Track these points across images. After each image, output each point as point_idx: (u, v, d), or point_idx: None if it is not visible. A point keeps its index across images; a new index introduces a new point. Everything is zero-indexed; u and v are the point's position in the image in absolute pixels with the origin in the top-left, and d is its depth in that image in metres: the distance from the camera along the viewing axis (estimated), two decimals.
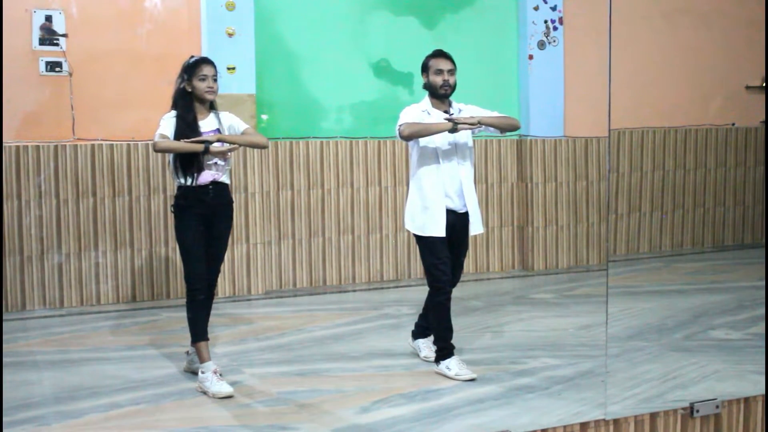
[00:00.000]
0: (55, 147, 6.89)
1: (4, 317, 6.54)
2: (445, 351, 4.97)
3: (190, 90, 4.81)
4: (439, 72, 4.98)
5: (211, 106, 4.90)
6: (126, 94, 7.10)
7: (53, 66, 6.86)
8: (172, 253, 7.23)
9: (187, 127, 4.76)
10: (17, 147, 6.77)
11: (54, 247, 6.89)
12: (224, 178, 4.87)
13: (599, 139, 8.62)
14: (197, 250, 4.81)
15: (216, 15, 7.17)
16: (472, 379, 4.84)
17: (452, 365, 4.92)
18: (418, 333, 5.33)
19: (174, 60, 7.17)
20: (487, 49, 8.25)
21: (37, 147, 6.83)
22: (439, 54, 5.05)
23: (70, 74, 6.91)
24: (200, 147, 4.69)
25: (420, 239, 4.98)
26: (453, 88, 5.02)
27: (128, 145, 7.09)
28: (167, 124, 4.79)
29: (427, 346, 5.24)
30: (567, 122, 8.50)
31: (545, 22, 8.35)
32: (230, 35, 7.20)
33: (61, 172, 6.89)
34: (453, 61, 5.04)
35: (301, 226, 7.66)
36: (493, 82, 8.26)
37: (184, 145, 4.69)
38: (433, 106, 5.04)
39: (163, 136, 4.73)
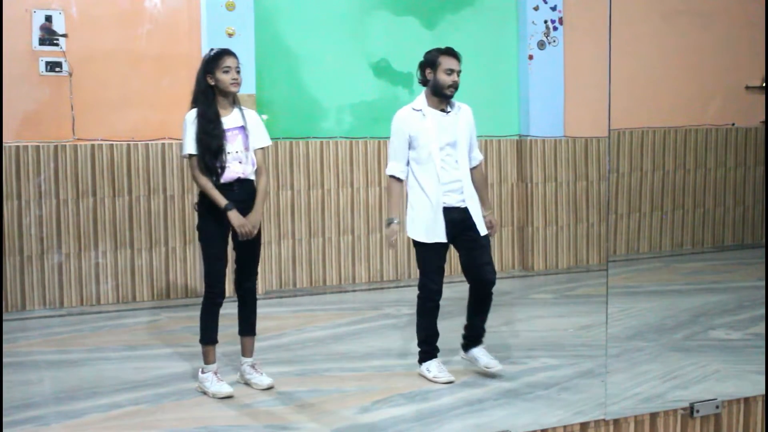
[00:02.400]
0: (55, 147, 6.89)
1: (4, 317, 6.54)
2: (427, 354, 4.97)
3: (212, 83, 4.68)
4: (450, 72, 4.83)
5: (234, 101, 4.78)
6: (126, 94, 7.11)
7: (53, 66, 6.86)
8: (171, 253, 7.23)
9: (209, 123, 4.63)
10: (17, 147, 6.77)
11: (54, 247, 6.89)
12: (250, 174, 4.75)
13: (599, 139, 8.62)
14: (220, 252, 4.72)
15: (216, 15, 7.17)
16: (450, 382, 4.84)
17: (432, 367, 4.92)
18: (468, 343, 5.10)
19: (174, 60, 7.23)
20: (487, 49, 8.25)
21: (37, 147, 6.83)
22: (451, 53, 4.90)
23: (70, 74, 6.91)
24: (222, 204, 4.60)
25: (418, 245, 4.89)
26: (457, 89, 4.89)
27: (128, 145, 7.09)
28: (192, 135, 4.62)
29: (483, 353, 5.03)
30: (567, 122, 8.50)
31: (545, 22, 8.35)
32: (230, 35, 7.20)
33: (61, 172, 6.89)
34: (461, 61, 4.92)
35: (301, 226, 7.67)
36: (493, 82, 8.26)
37: (212, 193, 4.60)
38: (430, 104, 4.89)
39: (192, 157, 4.62)
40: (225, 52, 4.75)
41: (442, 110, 4.90)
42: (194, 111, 4.69)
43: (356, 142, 7.85)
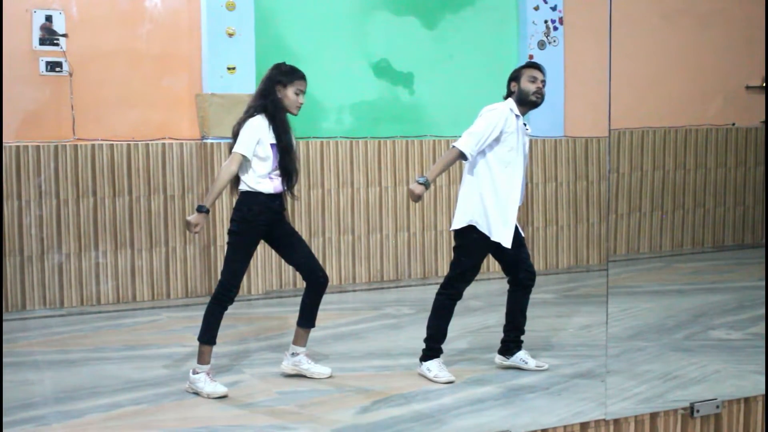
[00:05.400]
0: (55, 147, 6.89)
1: (4, 317, 6.54)
2: (432, 352, 4.97)
3: (280, 96, 4.72)
4: (533, 79, 4.94)
5: None
6: (126, 94, 7.11)
7: (53, 66, 6.86)
8: (171, 253, 7.23)
9: (285, 135, 4.68)
10: (17, 147, 6.77)
11: (54, 247, 6.89)
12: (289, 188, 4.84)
13: (599, 139, 8.62)
14: (248, 259, 4.77)
15: (216, 15, 7.16)
16: (451, 382, 4.84)
17: (433, 367, 4.92)
18: (512, 346, 5.15)
19: (174, 60, 7.23)
20: (487, 49, 8.25)
21: (37, 147, 6.83)
22: (533, 65, 5.04)
23: (70, 74, 6.91)
24: (206, 203, 4.63)
25: (470, 242, 4.88)
26: (543, 99, 5.00)
27: (128, 145, 7.09)
28: (253, 138, 4.64)
29: (529, 355, 5.13)
30: (567, 122, 8.50)
31: (545, 22, 8.35)
32: (230, 35, 7.20)
33: (61, 172, 6.89)
34: (545, 74, 5.01)
35: (302, 226, 7.66)
36: (493, 82, 8.22)
37: (217, 191, 4.66)
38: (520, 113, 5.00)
39: (236, 155, 4.63)
40: (302, 74, 4.79)
41: (524, 124, 5.05)
42: (260, 118, 4.68)
43: (356, 142, 7.85)
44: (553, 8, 8.37)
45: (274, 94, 4.73)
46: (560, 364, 5.19)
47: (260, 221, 4.73)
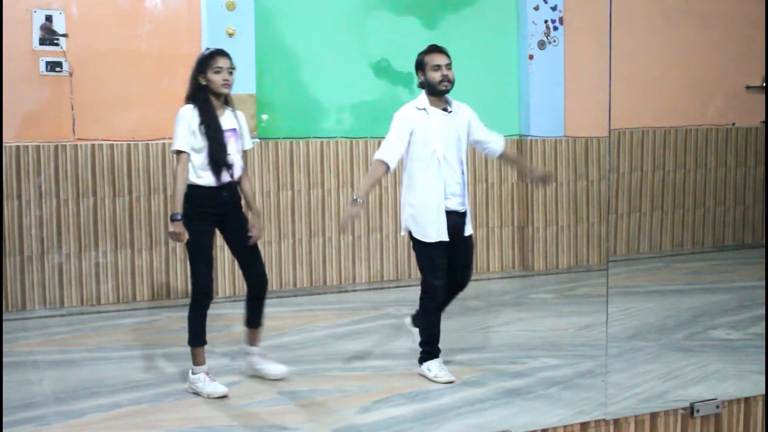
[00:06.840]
0: (55, 147, 6.89)
1: (4, 317, 6.54)
2: (429, 354, 4.97)
3: (204, 83, 4.66)
4: (437, 68, 4.81)
5: (226, 102, 4.77)
6: (126, 94, 7.11)
7: (53, 66, 6.86)
8: (172, 253, 7.23)
9: (209, 125, 4.62)
10: (17, 147, 6.77)
11: (54, 247, 6.89)
12: (237, 177, 4.77)
13: (599, 139, 8.62)
14: (206, 252, 4.70)
15: (216, 15, 7.17)
16: (451, 382, 4.83)
17: (433, 367, 4.91)
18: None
19: (174, 60, 7.22)
20: (487, 49, 8.25)
21: (37, 147, 6.83)
22: (434, 49, 4.87)
23: (70, 74, 6.91)
24: (176, 210, 4.56)
25: (421, 245, 4.86)
26: (452, 83, 4.85)
27: (128, 145, 7.09)
28: (185, 130, 4.59)
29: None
30: (567, 122, 8.49)
31: (545, 22, 8.35)
32: (230, 35, 7.20)
33: (61, 172, 6.89)
34: (448, 55, 4.88)
35: (301, 226, 7.67)
36: (493, 82, 8.26)
37: (179, 195, 4.58)
38: (431, 104, 4.89)
39: (181, 154, 4.59)
40: (217, 53, 4.70)
41: (444, 110, 4.87)
42: (189, 107, 4.65)
43: (356, 142, 7.85)
44: (553, 8, 8.36)
45: (198, 83, 4.68)
46: (560, 364, 5.19)
47: (201, 214, 4.63)
